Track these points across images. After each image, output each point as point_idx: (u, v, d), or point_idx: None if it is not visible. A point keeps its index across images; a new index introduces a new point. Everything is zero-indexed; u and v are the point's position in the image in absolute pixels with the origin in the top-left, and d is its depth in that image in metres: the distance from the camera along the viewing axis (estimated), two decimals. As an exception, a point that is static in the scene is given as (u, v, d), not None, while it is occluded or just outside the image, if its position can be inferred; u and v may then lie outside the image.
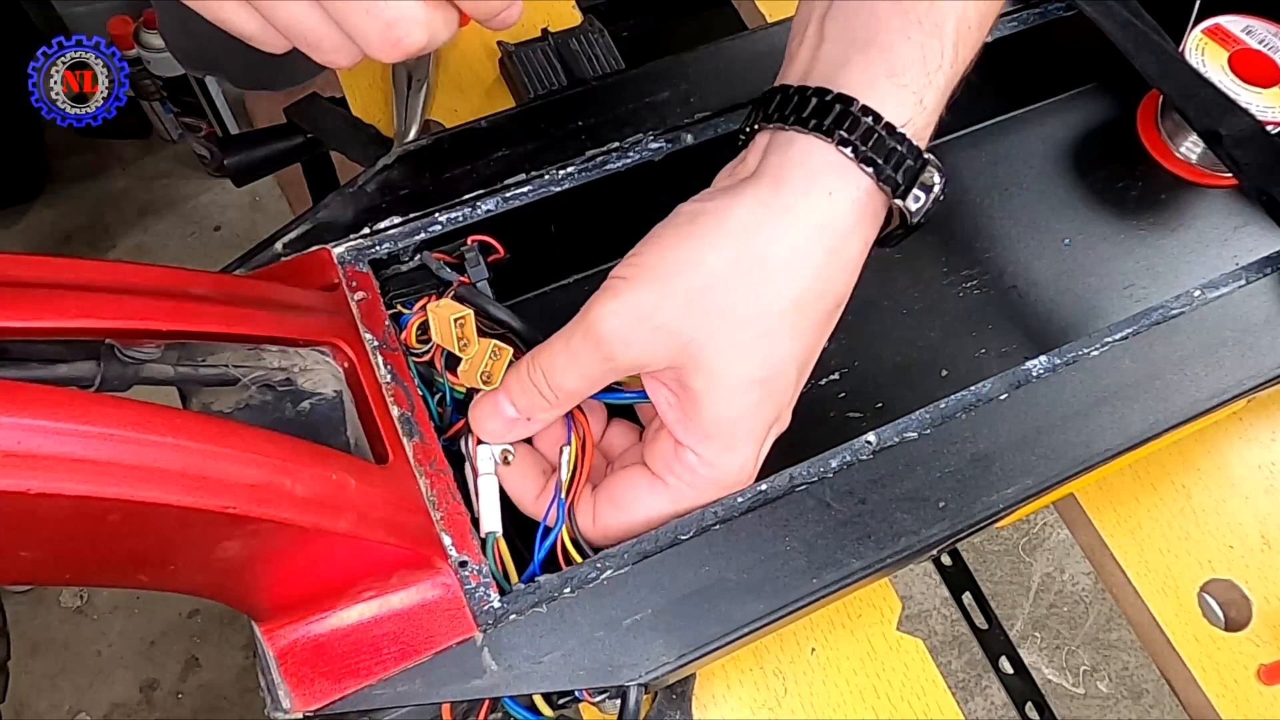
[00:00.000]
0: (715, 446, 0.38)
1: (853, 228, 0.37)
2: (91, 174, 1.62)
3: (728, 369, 0.37)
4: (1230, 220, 0.56)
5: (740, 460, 0.39)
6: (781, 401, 0.38)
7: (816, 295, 0.37)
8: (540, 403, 0.39)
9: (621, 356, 0.37)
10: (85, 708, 1.26)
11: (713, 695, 0.46)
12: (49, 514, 0.28)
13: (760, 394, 0.37)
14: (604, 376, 0.38)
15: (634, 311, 0.37)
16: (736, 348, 0.37)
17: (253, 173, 0.60)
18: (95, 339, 0.34)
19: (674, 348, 0.37)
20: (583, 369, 0.38)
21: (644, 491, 0.40)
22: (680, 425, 0.38)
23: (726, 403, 0.37)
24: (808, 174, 0.37)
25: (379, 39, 0.31)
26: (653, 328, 0.36)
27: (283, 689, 0.34)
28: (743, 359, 0.37)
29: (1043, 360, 0.44)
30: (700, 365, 0.37)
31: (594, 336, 0.37)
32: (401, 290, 0.46)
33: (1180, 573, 0.49)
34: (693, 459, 0.38)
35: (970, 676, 1.31)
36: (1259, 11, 0.56)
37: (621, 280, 0.37)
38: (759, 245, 0.36)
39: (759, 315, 0.36)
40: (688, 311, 0.36)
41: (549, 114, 0.49)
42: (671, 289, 0.36)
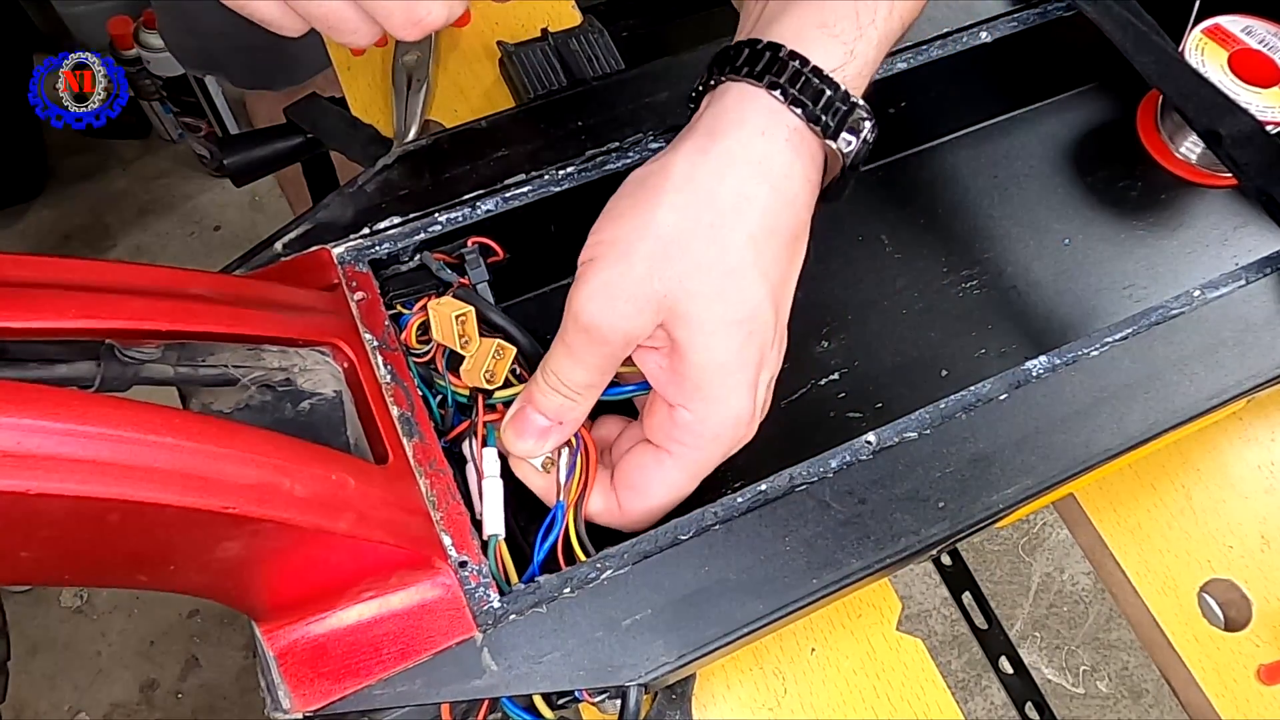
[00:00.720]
0: (707, 398, 0.39)
1: (790, 164, 0.39)
2: (91, 174, 1.63)
3: (704, 314, 0.37)
4: (1230, 220, 0.56)
5: (735, 408, 0.39)
6: (764, 341, 0.39)
7: (769, 231, 0.38)
8: (566, 404, 0.40)
9: (612, 336, 0.38)
10: (85, 708, 1.26)
11: (713, 695, 0.46)
12: (49, 514, 0.28)
13: (741, 335, 0.38)
14: (607, 361, 0.39)
15: (607, 289, 0.38)
16: (708, 292, 0.37)
17: (253, 173, 0.60)
18: (95, 339, 0.34)
19: (654, 310, 0.38)
20: (585, 361, 0.39)
21: (652, 467, 0.40)
22: (672, 385, 0.39)
23: (709, 348, 0.38)
24: (740, 118, 0.38)
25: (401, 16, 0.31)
26: (628, 299, 0.37)
27: (283, 689, 0.34)
28: (716, 301, 0.38)
29: (1043, 360, 0.44)
30: (679, 316, 0.38)
31: (581, 326, 0.38)
32: (401, 290, 0.46)
33: (1180, 573, 0.49)
34: (688, 417, 0.39)
35: (970, 676, 1.31)
36: (1259, 11, 0.56)
37: (589, 263, 0.38)
38: (703, 191, 0.38)
39: (720, 256, 0.37)
40: (655, 272, 0.37)
41: (549, 114, 0.49)
42: (635, 257, 0.37)
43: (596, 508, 0.41)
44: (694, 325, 0.38)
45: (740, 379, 0.39)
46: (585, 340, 0.38)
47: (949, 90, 0.54)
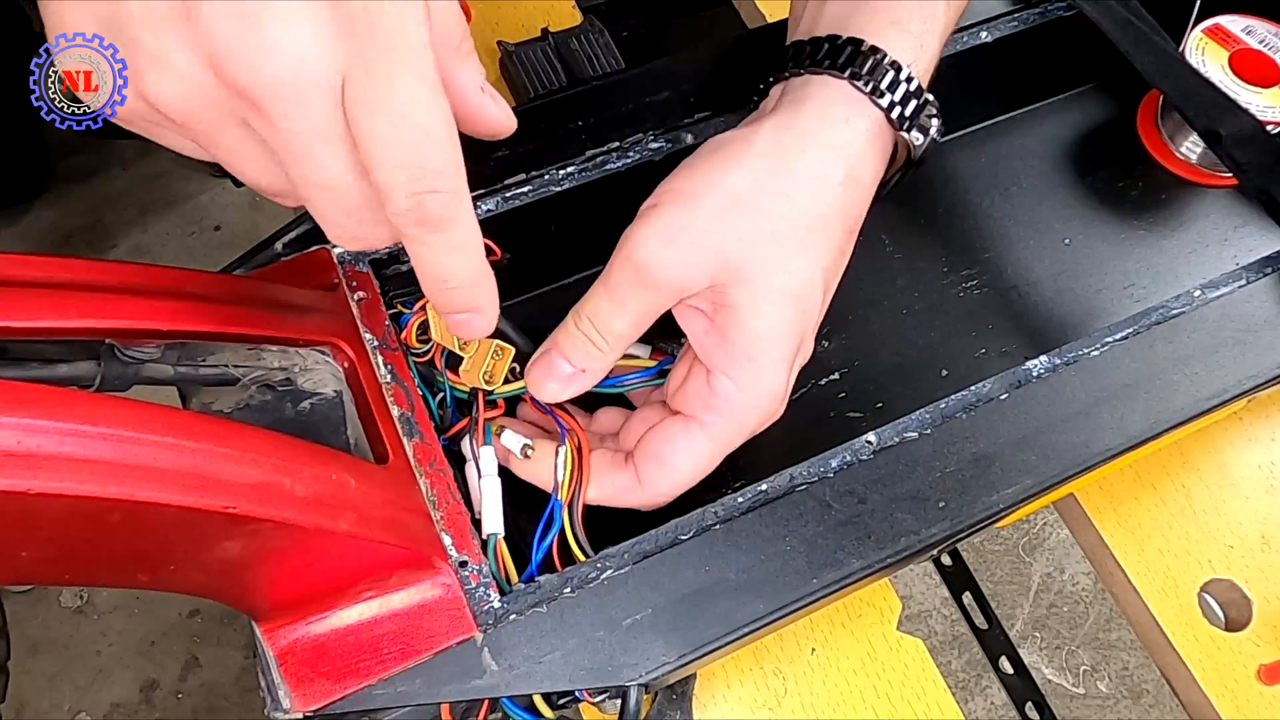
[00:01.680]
0: (751, 368, 0.39)
1: (865, 153, 0.40)
2: (91, 174, 1.62)
3: (765, 280, 0.38)
4: (1230, 220, 0.56)
5: (773, 383, 0.39)
6: (809, 323, 0.40)
7: (835, 214, 0.39)
8: (593, 352, 0.40)
9: (663, 280, 0.38)
10: (85, 708, 1.26)
11: (713, 695, 0.46)
12: (49, 514, 0.28)
13: (794, 310, 0.39)
14: (648, 310, 0.39)
15: (668, 231, 0.38)
16: (771, 260, 0.38)
17: (253, 173, 0.59)
18: (95, 339, 0.34)
19: (712, 263, 0.38)
20: (627, 305, 0.39)
21: (681, 438, 0.40)
22: (718, 350, 0.39)
23: (764, 316, 0.38)
24: (824, 105, 0.40)
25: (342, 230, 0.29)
26: (689, 244, 0.38)
27: (283, 689, 0.34)
28: (778, 271, 0.38)
29: (1043, 360, 0.44)
30: (740, 277, 0.38)
31: (633, 264, 0.38)
32: (401, 290, 0.46)
33: (1180, 573, 0.49)
34: (728, 385, 0.39)
35: (970, 676, 1.31)
36: (1259, 11, 0.56)
37: (652, 208, 0.39)
38: (782, 165, 0.39)
39: (788, 229, 0.38)
40: (720, 226, 0.38)
41: (549, 114, 0.49)
42: (702, 206, 0.38)
43: (612, 489, 0.41)
44: (751, 288, 0.38)
45: (784, 353, 0.39)
46: (631, 280, 0.38)
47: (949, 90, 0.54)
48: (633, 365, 0.45)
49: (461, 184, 0.28)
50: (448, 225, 0.28)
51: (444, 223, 0.28)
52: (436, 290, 0.31)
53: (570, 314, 0.40)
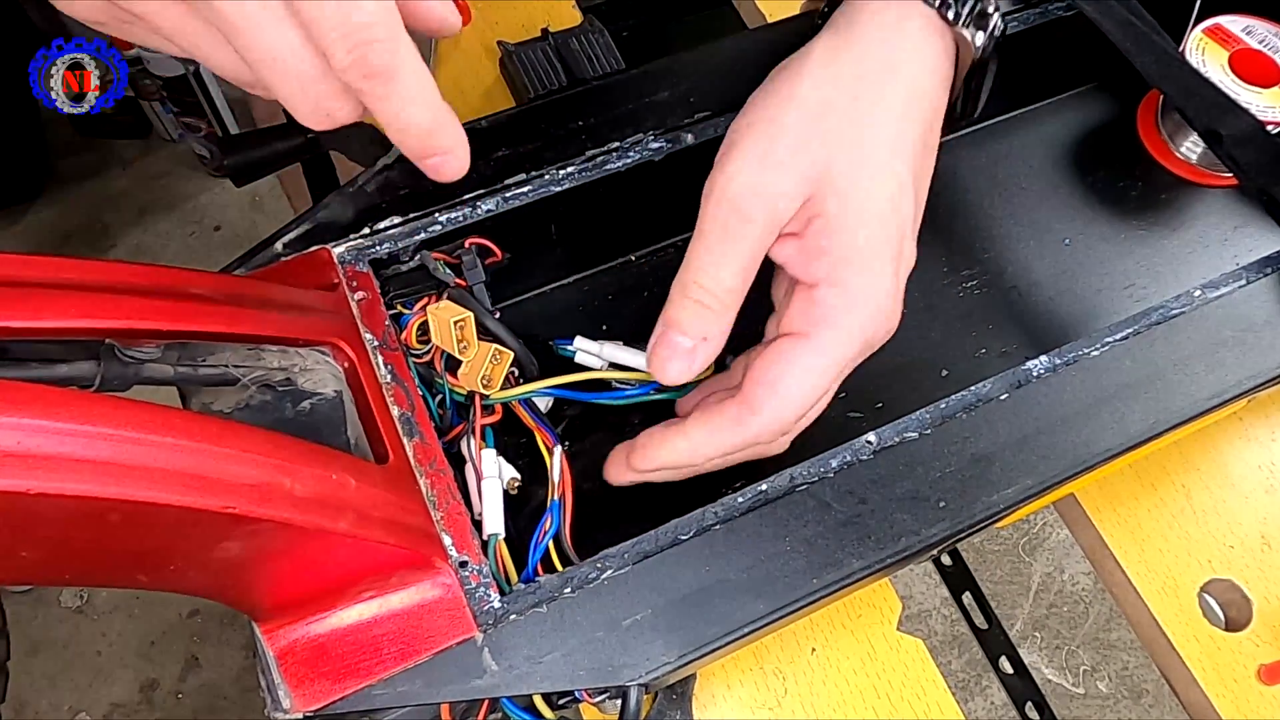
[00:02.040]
0: (851, 272, 0.38)
1: (921, 51, 0.40)
2: (91, 174, 1.62)
3: (850, 186, 0.38)
4: (1230, 220, 0.56)
5: (878, 287, 0.38)
6: (904, 225, 0.39)
7: (904, 116, 0.39)
8: (706, 315, 0.39)
9: (759, 210, 0.38)
10: (85, 708, 1.26)
11: (713, 695, 0.46)
12: (49, 514, 0.28)
13: (886, 210, 0.38)
14: (751, 251, 0.38)
15: (751, 159, 0.38)
16: (854, 164, 0.38)
17: (253, 173, 0.59)
18: (95, 339, 0.34)
19: (801, 180, 0.38)
20: (728, 253, 0.38)
21: (791, 357, 0.38)
22: (815, 261, 0.38)
23: (857, 219, 0.38)
24: (871, 13, 0.40)
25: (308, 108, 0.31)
26: (776, 165, 0.38)
27: (283, 689, 0.34)
28: (862, 175, 0.38)
29: (1043, 360, 0.44)
30: (828, 187, 0.38)
31: (727, 202, 0.38)
32: (402, 290, 0.46)
33: (1180, 573, 0.49)
34: (831, 293, 0.38)
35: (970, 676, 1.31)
36: (1259, 11, 0.56)
37: (730, 147, 0.39)
38: (844, 71, 0.39)
39: (862, 133, 0.38)
40: (802, 141, 0.38)
41: (549, 114, 0.49)
42: (778, 128, 0.38)
43: (722, 425, 0.39)
44: (840, 195, 0.38)
45: (884, 256, 0.38)
46: (730, 220, 0.38)
47: (949, 90, 0.54)
48: (634, 379, 0.45)
49: (397, 31, 0.29)
50: (394, 74, 0.29)
51: (390, 72, 0.29)
52: (403, 140, 0.31)
53: (673, 286, 0.39)
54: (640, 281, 0.53)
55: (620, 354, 0.46)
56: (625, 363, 0.46)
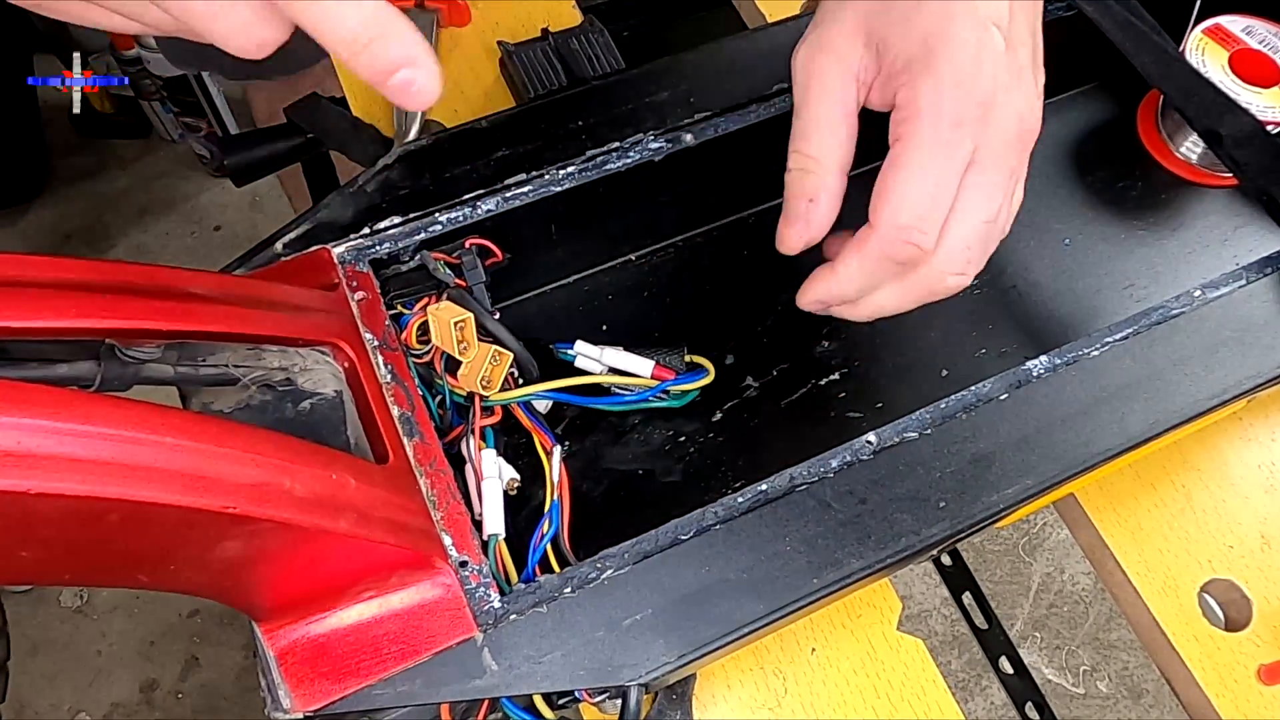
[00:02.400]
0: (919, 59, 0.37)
1: None
2: (91, 174, 1.63)
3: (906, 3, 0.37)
4: (1230, 220, 0.56)
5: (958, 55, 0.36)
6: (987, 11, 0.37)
7: None
8: (807, 178, 0.40)
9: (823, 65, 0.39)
10: (85, 708, 1.26)
11: (713, 695, 0.46)
12: (49, 514, 0.28)
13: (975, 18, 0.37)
14: (829, 106, 0.39)
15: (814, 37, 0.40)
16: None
17: (253, 173, 0.60)
18: (95, 339, 0.34)
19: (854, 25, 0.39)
20: (810, 113, 0.39)
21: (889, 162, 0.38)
22: (897, 62, 0.38)
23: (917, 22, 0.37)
24: None
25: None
26: (826, 24, 0.39)
27: (283, 689, 0.34)
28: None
29: (1043, 360, 0.44)
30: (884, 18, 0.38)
31: (795, 73, 0.40)
32: (402, 290, 0.46)
33: (1180, 573, 0.49)
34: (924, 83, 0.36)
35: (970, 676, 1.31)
36: (1259, 11, 0.56)
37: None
38: None
39: None
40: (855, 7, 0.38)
41: (549, 114, 0.49)
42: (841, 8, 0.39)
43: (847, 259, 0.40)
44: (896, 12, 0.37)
45: (971, 26, 0.36)
46: (805, 88, 0.39)
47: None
48: (635, 384, 0.46)
49: None
50: None
51: None
52: (356, 58, 0.29)
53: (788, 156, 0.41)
54: (640, 281, 0.53)
55: (620, 359, 0.46)
56: (625, 368, 0.46)
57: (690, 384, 0.46)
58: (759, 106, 0.50)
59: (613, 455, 0.48)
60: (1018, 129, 0.38)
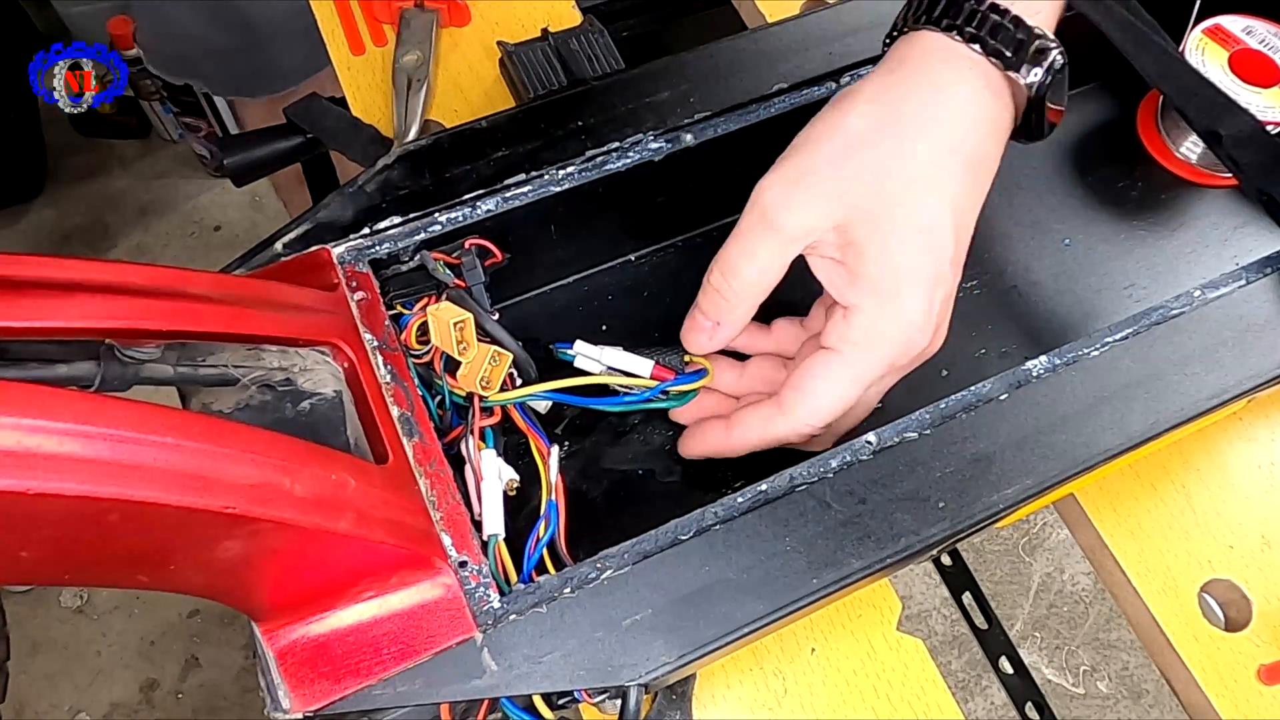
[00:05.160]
0: (880, 294, 0.40)
1: (972, 93, 0.41)
2: (91, 174, 1.63)
3: (883, 215, 0.40)
4: (1230, 220, 0.56)
5: (909, 311, 0.40)
6: (941, 256, 0.41)
7: (950, 150, 0.41)
8: (723, 304, 0.43)
9: (786, 224, 0.41)
10: (85, 708, 1.26)
11: (713, 695, 0.46)
12: (49, 514, 0.28)
13: (918, 243, 0.40)
14: (776, 256, 0.41)
15: (789, 176, 0.41)
16: (888, 195, 0.40)
17: (253, 173, 0.60)
18: (95, 339, 0.34)
19: (834, 205, 0.40)
20: (755, 253, 0.41)
21: (819, 366, 0.42)
22: (848, 286, 0.41)
23: (889, 249, 0.40)
24: (923, 52, 0.42)
25: None
26: (809, 187, 0.40)
27: (283, 689, 0.34)
28: (896, 206, 0.40)
29: (1043, 360, 0.44)
30: (862, 217, 0.40)
31: (758, 209, 0.41)
32: (402, 290, 0.46)
33: (1180, 573, 0.49)
34: (859, 317, 0.41)
35: (970, 676, 1.31)
36: (1259, 11, 0.56)
37: (780, 160, 0.42)
38: (890, 105, 0.41)
39: (902, 165, 0.40)
40: (839, 169, 0.40)
41: (549, 114, 0.49)
42: (820, 152, 0.41)
43: (758, 421, 0.43)
44: (872, 224, 0.40)
45: (915, 283, 0.40)
46: (759, 227, 0.41)
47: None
48: (635, 385, 0.46)
49: None
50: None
51: None
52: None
53: (709, 270, 0.43)
54: (640, 281, 0.53)
55: (620, 359, 0.46)
56: (624, 368, 0.46)
57: (690, 384, 0.46)
58: (759, 106, 0.50)
59: (613, 455, 0.48)
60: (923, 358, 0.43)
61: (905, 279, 0.40)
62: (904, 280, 0.40)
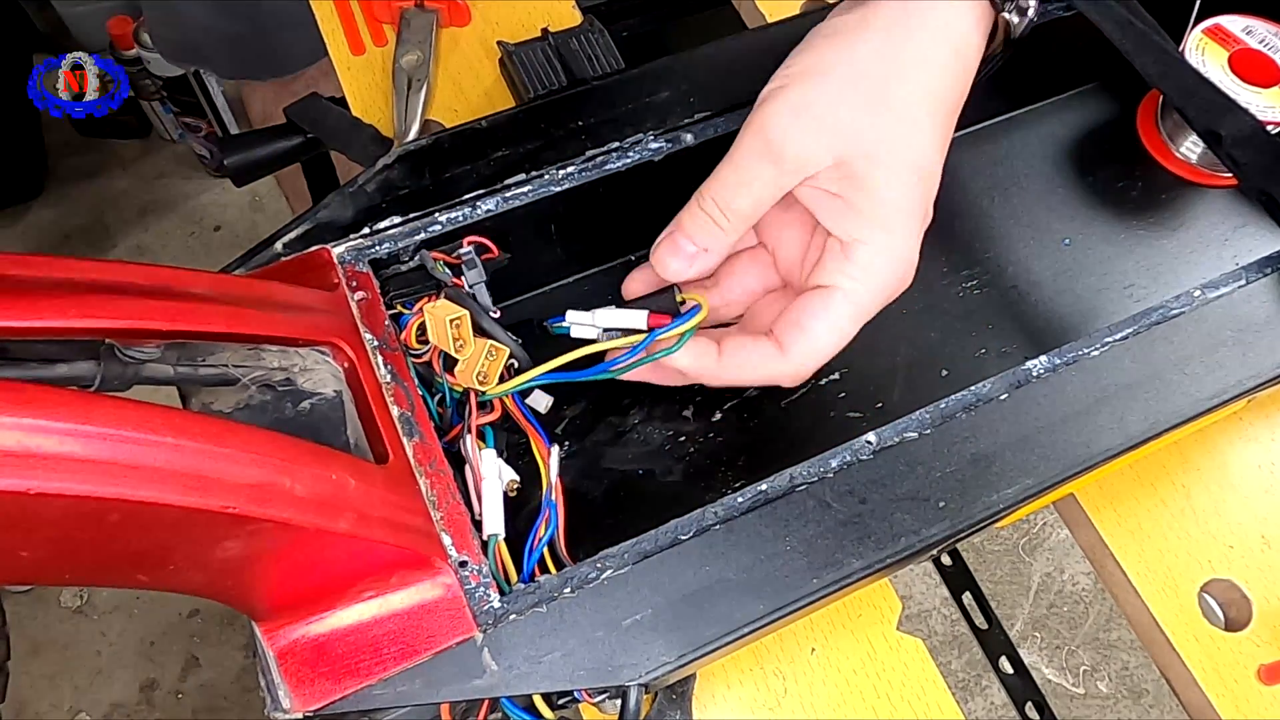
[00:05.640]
0: (886, 234, 0.41)
1: (969, 32, 0.42)
2: (91, 174, 1.63)
3: (890, 154, 0.40)
4: (1230, 220, 0.56)
5: (907, 248, 0.41)
6: (929, 193, 0.42)
7: (946, 88, 0.41)
8: (715, 231, 0.42)
9: (791, 155, 0.40)
10: (85, 708, 1.26)
11: (713, 695, 0.46)
12: (49, 514, 0.28)
13: (916, 179, 0.41)
14: (772, 187, 0.41)
15: (798, 107, 0.40)
16: (895, 135, 0.40)
17: (253, 173, 0.60)
18: (95, 338, 0.34)
19: (838, 139, 0.40)
20: (753, 181, 0.41)
21: (820, 306, 0.41)
22: (853, 220, 0.41)
23: (892, 186, 0.40)
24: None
25: None
26: (816, 119, 0.40)
27: (283, 689, 0.34)
28: (901, 145, 0.40)
29: (1043, 360, 0.44)
30: (867, 153, 0.40)
31: (763, 139, 0.40)
32: (402, 290, 0.46)
33: (1180, 573, 0.49)
34: (866, 252, 0.41)
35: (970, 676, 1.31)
36: (1259, 11, 0.56)
37: (779, 87, 0.41)
38: (898, 42, 0.41)
39: (906, 104, 0.40)
40: (846, 102, 0.40)
41: (549, 114, 0.49)
42: (829, 82, 0.40)
43: (756, 359, 0.42)
44: (879, 162, 0.40)
45: (913, 220, 0.41)
46: (761, 156, 0.40)
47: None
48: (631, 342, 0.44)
49: None
50: None
51: None
52: None
53: (694, 197, 0.42)
54: (640, 281, 0.53)
55: (614, 317, 0.45)
56: (620, 325, 0.45)
57: (685, 324, 0.44)
58: (759, 106, 0.50)
59: (613, 455, 0.48)
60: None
61: (904, 215, 0.41)
62: (903, 216, 0.41)
